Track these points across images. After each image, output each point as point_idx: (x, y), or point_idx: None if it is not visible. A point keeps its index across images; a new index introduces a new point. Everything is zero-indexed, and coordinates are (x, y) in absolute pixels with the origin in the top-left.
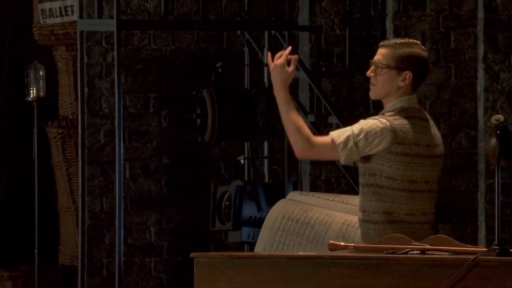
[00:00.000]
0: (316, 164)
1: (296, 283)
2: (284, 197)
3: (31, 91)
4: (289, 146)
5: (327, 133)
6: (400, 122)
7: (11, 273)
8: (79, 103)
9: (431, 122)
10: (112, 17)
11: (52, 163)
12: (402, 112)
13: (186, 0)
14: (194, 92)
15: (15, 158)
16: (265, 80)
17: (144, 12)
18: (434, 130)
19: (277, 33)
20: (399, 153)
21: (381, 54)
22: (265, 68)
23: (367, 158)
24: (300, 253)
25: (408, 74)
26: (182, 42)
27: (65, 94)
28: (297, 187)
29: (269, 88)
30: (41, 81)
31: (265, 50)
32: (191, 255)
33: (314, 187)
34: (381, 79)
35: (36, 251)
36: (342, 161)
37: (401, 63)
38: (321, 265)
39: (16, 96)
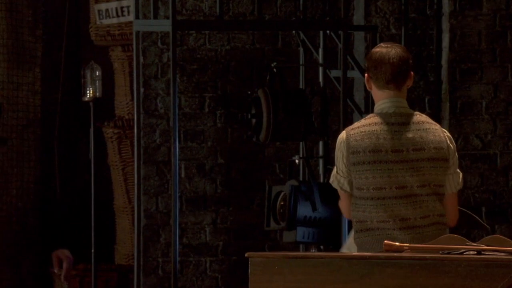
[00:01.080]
0: None
1: (351, 283)
2: (338, 197)
3: (88, 92)
4: None
5: None
6: (358, 131)
7: None
8: (135, 103)
9: (416, 126)
10: (167, 18)
11: (108, 163)
12: (368, 119)
13: (242, 0)
14: (249, 92)
15: (71, 158)
16: (320, 79)
17: (200, 13)
18: (417, 134)
19: (332, 33)
20: (356, 162)
21: None
22: (320, 68)
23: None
24: (355, 253)
25: (367, 76)
26: (237, 42)
27: (121, 94)
28: None
29: (324, 88)
30: (97, 81)
31: (320, 50)
32: (246, 254)
33: None
34: None
35: (92, 251)
36: (336, 187)
37: (365, 67)
38: (376, 265)
39: (73, 97)
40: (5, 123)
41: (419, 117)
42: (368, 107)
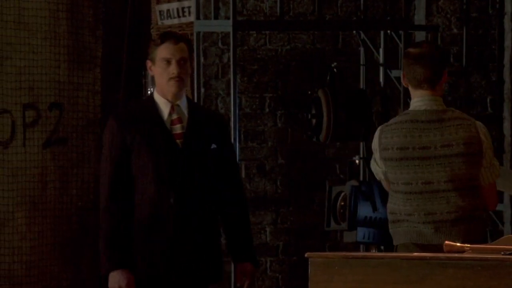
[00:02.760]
0: None
1: (412, 284)
2: None
3: (149, 92)
4: None
5: None
6: (390, 128)
7: None
8: None
9: (447, 123)
10: (228, 18)
11: None
12: (400, 116)
13: (302, 0)
14: (309, 92)
15: None
16: (381, 79)
17: (260, 13)
18: (447, 130)
19: (393, 33)
20: (386, 158)
21: None
22: (381, 68)
23: None
24: (415, 253)
25: (403, 74)
26: (297, 42)
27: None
28: None
29: (385, 88)
30: None
31: (380, 50)
32: (306, 255)
33: None
34: None
35: None
36: (378, 178)
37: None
38: (436, 265)
39: (134, 97)
40: (65, 123)
41: (452, 113)
42: None
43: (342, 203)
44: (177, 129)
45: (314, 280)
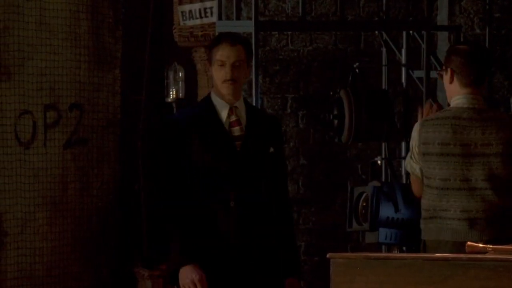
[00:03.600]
0: None
1: (433, 285)
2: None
3: (171, 92)
4: None
5: None
6: (431, 123)
7: (151, 272)
8: None
9: (488, 122)
10: (250, 19)
11: None
12: (443, 112)
13: (324, 0)
14: (331, 93)
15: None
16: (403, 80)
17: (282, 13)
18: (488, 130)
19: (415, 33)
20: (426, 152)
21: None
22: (403, 69)
23: None
24: (437, 254)
25: (450, 70)
26: (319, 43)
27: (204, 95)
28: None
29: (407, 88)
30: (180, 82)
31: (403, 50)
32: (328, 255)
33: None
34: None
35: None
36: (409, 171)
37: (444, 61)
38: (458, 266)
39: (156, 97)
40: (85, 123)
41: (493, 113)
42: None
43: (364, 204)
44: (236, 131)
45: (335, 281)
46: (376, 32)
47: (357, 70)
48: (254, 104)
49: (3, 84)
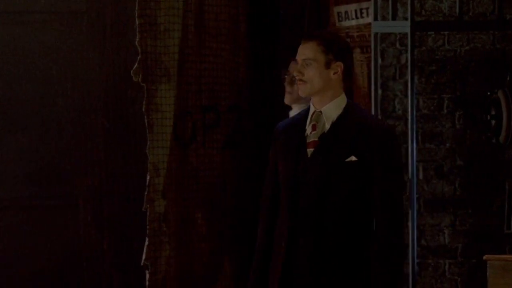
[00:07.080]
0: None
1: None
2: None
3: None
4: None
5: None
6: None
7: None
8: (373, 105)
9: None
10: (406, 19)
11: None
12: None
13: (482, 0)
14: (488, 93)
15: None
16: None
17: (439, 13)
18: None
19: None
20: None
21: None
22: None
23: None
24: None
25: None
26: (477, 43)
27: (359, 95)
28: None
29: None
30: None
31: None
32: (484, 257)
33: None
34: None
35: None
36: None
37: None
38: None
39: None
40: (243, 125)
41: None
42: None
43: None
44: (311, 137)
45: (492, 283)
46: None
47: None
48: (409, 104)
49: (163, 85)
